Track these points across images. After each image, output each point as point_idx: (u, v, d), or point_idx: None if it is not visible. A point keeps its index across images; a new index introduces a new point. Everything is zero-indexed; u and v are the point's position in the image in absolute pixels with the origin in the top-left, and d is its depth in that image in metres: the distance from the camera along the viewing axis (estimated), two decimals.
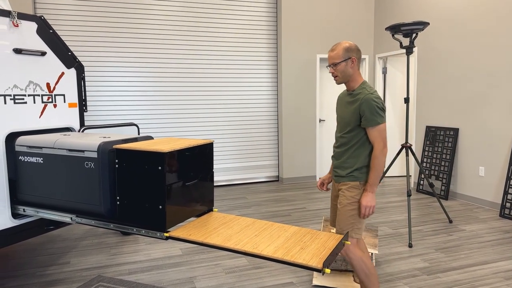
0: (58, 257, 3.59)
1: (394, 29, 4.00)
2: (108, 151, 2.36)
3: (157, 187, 2.19)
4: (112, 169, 2.38)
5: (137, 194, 2.26)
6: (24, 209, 2.71)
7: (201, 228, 2.31)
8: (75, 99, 3.12)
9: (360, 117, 2.21)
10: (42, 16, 2.88)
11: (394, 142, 6.87)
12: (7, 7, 2.73)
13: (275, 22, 6.49)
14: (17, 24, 2.69)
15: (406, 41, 5.98)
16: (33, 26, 2.82)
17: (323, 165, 6.86)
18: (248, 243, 2.07)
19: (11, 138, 2.74)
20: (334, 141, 6.86)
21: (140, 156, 2.22)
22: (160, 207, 2.19)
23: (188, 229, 2.29)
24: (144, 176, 2.22)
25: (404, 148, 4.17)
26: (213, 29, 6.12)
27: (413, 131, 6.14)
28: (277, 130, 6.68)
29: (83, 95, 3.19)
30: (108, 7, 5.55)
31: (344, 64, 2.23)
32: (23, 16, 2.75)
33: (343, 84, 2.26)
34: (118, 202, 2.33)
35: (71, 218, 2.51)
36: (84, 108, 3.20)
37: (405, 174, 6.81)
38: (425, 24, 3.87)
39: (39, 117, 2.88)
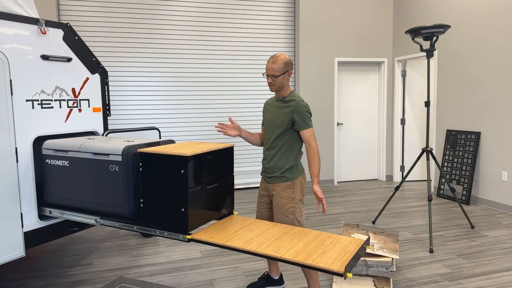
0: (81, 258, 3.68)
1: (414, 32, 3.97)
2: (132, 155, 2.41)
3: (180, 190, 2.23)
4: (136, 172, 2.43)
5: (160, 196, 2.31)
6: (50, 211, 2.79)
7: (222, 231, 2.34)
8: (99, 103, 3.20)
9: (292, 121, 2.51)
10: (68, 23, 2.97)
11: (414, 146, 6.79)
12: (35, 15, 2.82)
13: (293, 25, 6.51)
14: (45, 32, 2.78)
15: (426, 44, 5.92)
16: (60, 33, 2.91)
17: (341, 169, 6.83)
18: (269, 247, 2.09)
19: (38, 142, 2.83)
20: (351, 144, 6.83)
21: (164, 160, 2.26)
22: (183, 209, 2.23)
23: (209, 231, 2.32)
24: (167, 179, 2.26)
25: (425, 152, 4.13)
26: (231, 33, 6.18)
27: (433, 135, 6.06)
28: None
29: (107, 100, 3.27)
30: (129, 13, 5.67)
31: (282, 76, 2.50)
32: (50, 24, 2.84)
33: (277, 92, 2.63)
34: (141, 205, 2.38)
35: (96, 220, 2.57)
36: (107, 112, 3.28)
37: (425, 179, 6.71)
38: (446, 27, 3.83)
39: (65, 121, 2.96)
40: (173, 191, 2.25)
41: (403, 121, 6.78)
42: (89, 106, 3.13)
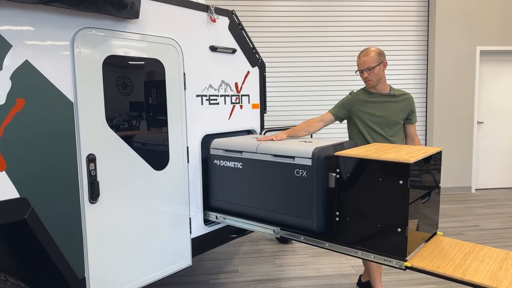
0: (224, 263, 3.46)
1: None
2: (323, 158, 2.05)
3: (396, 205, 1.80)
4: (326, 179, 2.07)
5: (364, 211, 1.91)
6: (216, 216, 2.55)
7: (443, 258, 1.87)
8: (257, 99, 2.91)
9: (407, 115, 2.49)
10: (233, 10, 2.71)
11: None
12: (202, 0, 2.58)
13: (426, 10, 5.78)
14: (215, 20, 2.54)
15: None
16: (225, 21, 2.65)
17: (480, 174, 5.95)
18: None
19: (204, 141, 2.60)
20: (492, 146, 5.95)
21: (374, 167, 1.85)
22: (399, 229, 1.81)
23: (426, 258, 1.87)
24: (376, 191, 1.86)
25: None
26: (358, 21, 5.66)
27: None
28: (425, 132, 5.95)
29: (264, 95, 2.97)
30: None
31: (378, 68, 2.39)
32: (217, 11, 2.59)
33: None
34: (337, 218, 2.00)
35: (274, 231, 2.26)
36: (264, 109, 2.98)
37: None
38: None
39: (228, 118, 2.71)
40: (385, 205, 1.84)
41: None
42: (249, 102, 2.85)
